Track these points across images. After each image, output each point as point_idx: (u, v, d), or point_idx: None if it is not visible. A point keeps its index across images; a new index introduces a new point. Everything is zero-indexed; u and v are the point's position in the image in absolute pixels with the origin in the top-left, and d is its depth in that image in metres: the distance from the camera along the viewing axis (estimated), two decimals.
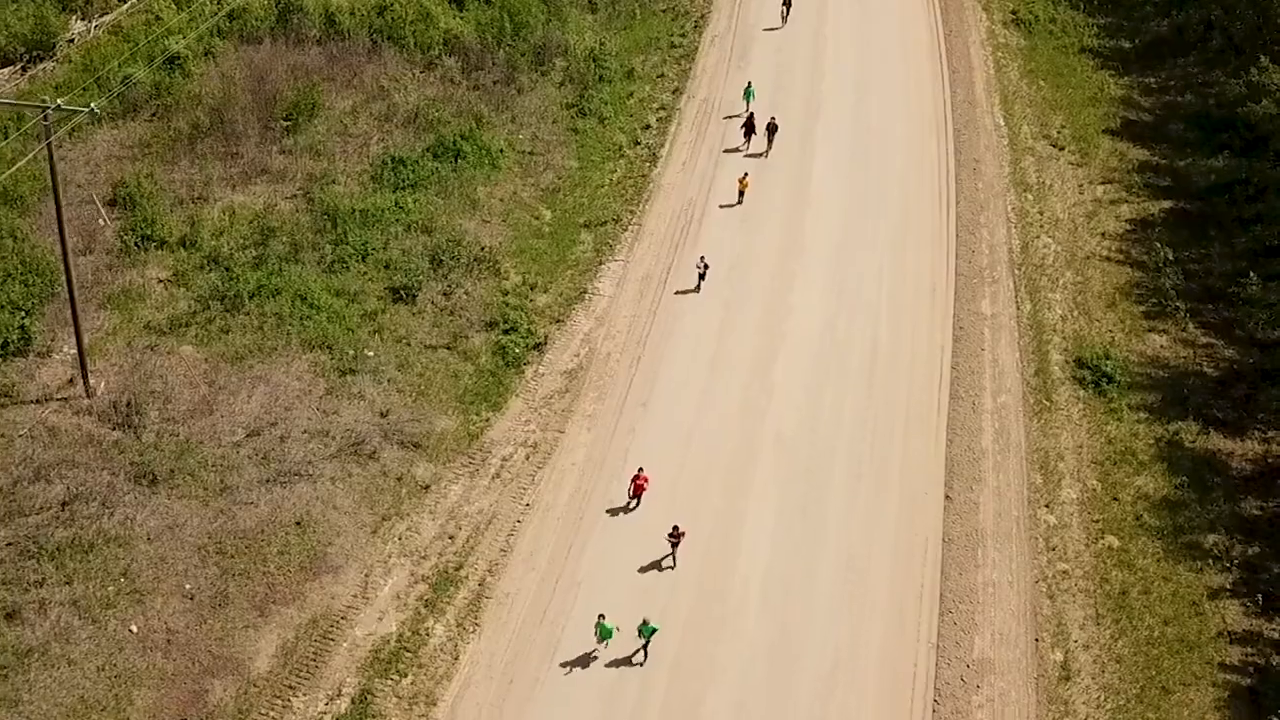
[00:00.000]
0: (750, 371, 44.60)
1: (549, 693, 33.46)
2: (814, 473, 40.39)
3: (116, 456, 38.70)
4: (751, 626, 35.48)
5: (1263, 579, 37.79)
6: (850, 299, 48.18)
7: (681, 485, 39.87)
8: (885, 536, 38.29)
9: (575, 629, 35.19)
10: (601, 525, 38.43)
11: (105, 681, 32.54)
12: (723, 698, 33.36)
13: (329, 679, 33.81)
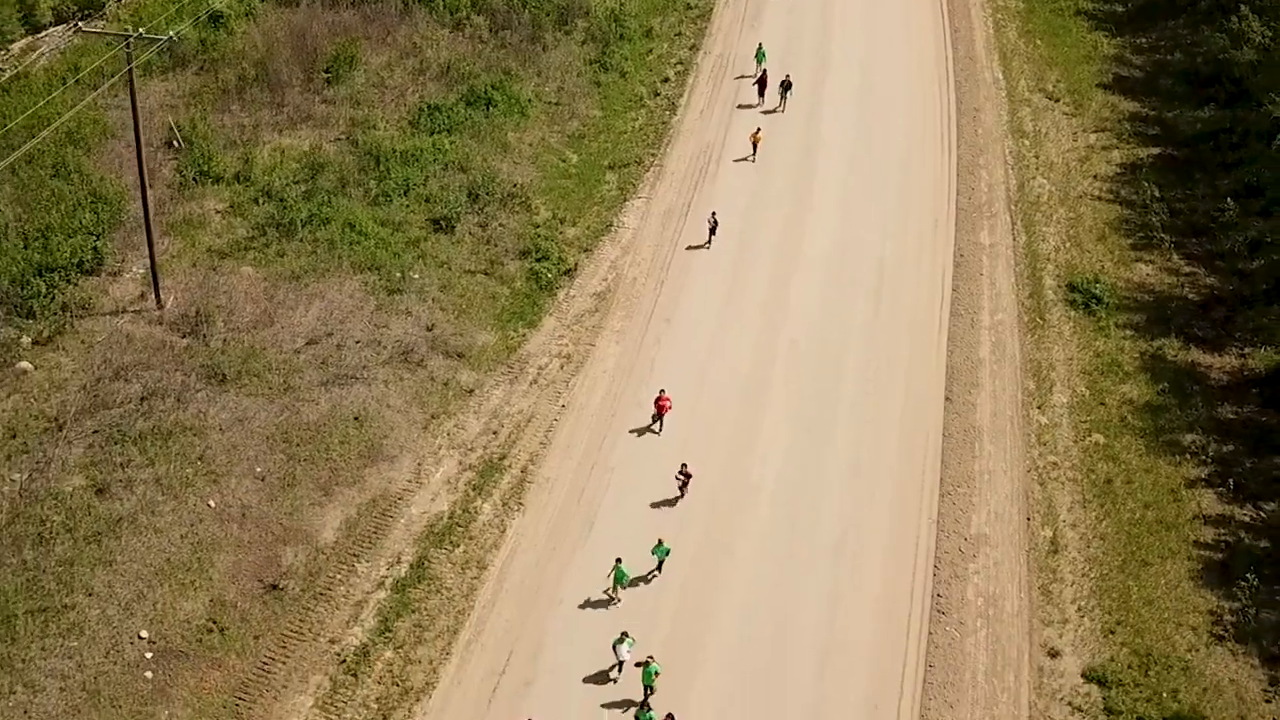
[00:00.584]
0: (767, 292, 48.23)
1: (587, 559, 37.06)
2: (825, 377, 44.03)
3: (188, 360, 42.32)
4: (767, 509, 39.06)
5: (1235, 471, 41.29)
6: (859, 231, 51.79)
7: (705, 388, 43.46)
8: (890, 431, 41.91)
9: (609, 506, 38.82)
10: (630, 423, 41.95)
11: (188, 547, 36.13)
12: (741, 571, 36.90)
13: (388, 549, 37.43)
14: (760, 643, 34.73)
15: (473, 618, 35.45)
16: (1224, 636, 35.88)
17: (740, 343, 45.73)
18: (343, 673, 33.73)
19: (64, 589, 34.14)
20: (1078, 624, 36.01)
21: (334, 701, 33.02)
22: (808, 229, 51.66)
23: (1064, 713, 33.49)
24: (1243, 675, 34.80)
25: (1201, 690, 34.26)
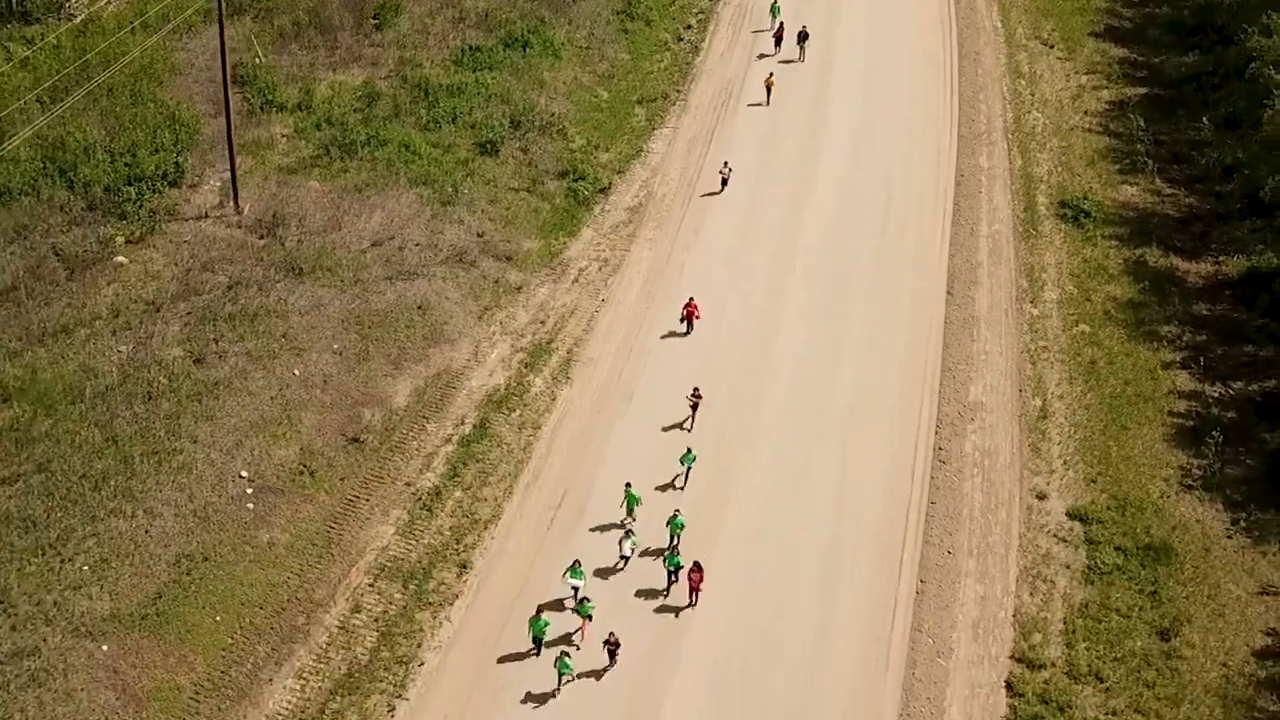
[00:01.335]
0: (785, 207, 53.03)
1: (628, 423, 41.88)
2: (839, 275, 48.85)
3: (266, 256, 47.16)
4: (788, 382, 43.89)
5: (1207, 356, 46.05)
6: (869, 156, 56.61)
7: (731, 287, 48.27)
8: (897, 320, 46.73)
9: (646, 382, 43.62)
10: (663, 321, 46.69)
11: (278, 407, 40.97)
12: (764, 432, 41.69)
13: (453, 413, 42.28)
14: (781, 489, 39.53)
15: (530, 466, 40.29)
16: (1192, 486, 40.66)
17: (762, 248, 50.52)
18: (419, 508, 38.55)
19: (172, 437, 38.95)
20: (1063, 474, 40.80)
21: (412, 530, 37.85)
22: (822, 156, 56.45)
23: (1050, 543, 38.28)
24: (1207, 517, 39.57)
25: (1171, 528, 39.00)
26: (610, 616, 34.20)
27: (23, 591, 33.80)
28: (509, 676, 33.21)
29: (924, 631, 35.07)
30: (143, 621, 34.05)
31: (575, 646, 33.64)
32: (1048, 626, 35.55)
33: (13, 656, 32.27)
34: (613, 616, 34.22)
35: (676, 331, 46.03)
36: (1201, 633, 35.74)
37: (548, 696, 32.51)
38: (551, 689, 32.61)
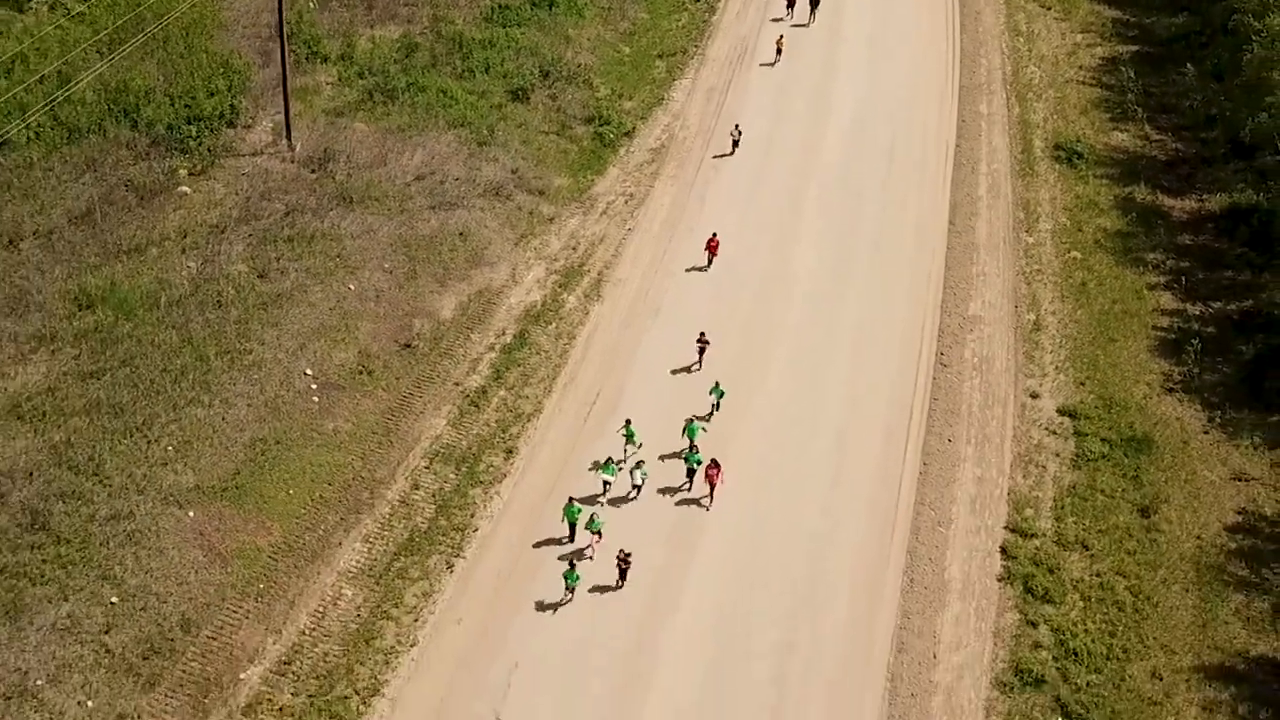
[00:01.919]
0: (799, 148, 56.82)
1: (657, 333, 45.68)
2: (849, 210, 52.62)
3: (319, 188, 50.94)
4: (802, 301, 47.67)
5: (1189, 279, 49.80)
6: (876, 103, 60.36)
7: (748, 219, 52.04)
8: (903, 246, 50.52)
9: (673, 299, 47.39)
10: (685, 248, 50.42)
11: (337, 316, 44.77)
12: (782, 341, 45.48)
13: (495, 325, 46.08)
14: (798, 388, 43.30)
15: (566, 369, 44.10)
16: (1173, 389, 44.42)
17: (777, 184, 54.29)
18: (467, 404, 42.36)
19: (242, 339, 42.76)
20: (1054, 378, 44.59)
21: (462, 422, 41.67)
22: (832, 104, 60.19)
23: (1041, 435, 42.07)
24: (1186, 415, 43.33)
25: (1153, 424, 42.76)
26: (635, 508, 37.59)
27: (116, 466, 37.59)
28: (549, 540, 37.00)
29: (926, 505, 38.87)
30: (224, 493, 37.85)
31: (589, 558, 36.04)
32: (1039, 503, 39.33)
33: (110, 519, 36.05)
34: (638, 507, 37.61)
35: (699, 266, 49.49)
36: (1178, 511, 39.47)
37: (560, 604, 35.07)
38: (563, 594, 35.31)
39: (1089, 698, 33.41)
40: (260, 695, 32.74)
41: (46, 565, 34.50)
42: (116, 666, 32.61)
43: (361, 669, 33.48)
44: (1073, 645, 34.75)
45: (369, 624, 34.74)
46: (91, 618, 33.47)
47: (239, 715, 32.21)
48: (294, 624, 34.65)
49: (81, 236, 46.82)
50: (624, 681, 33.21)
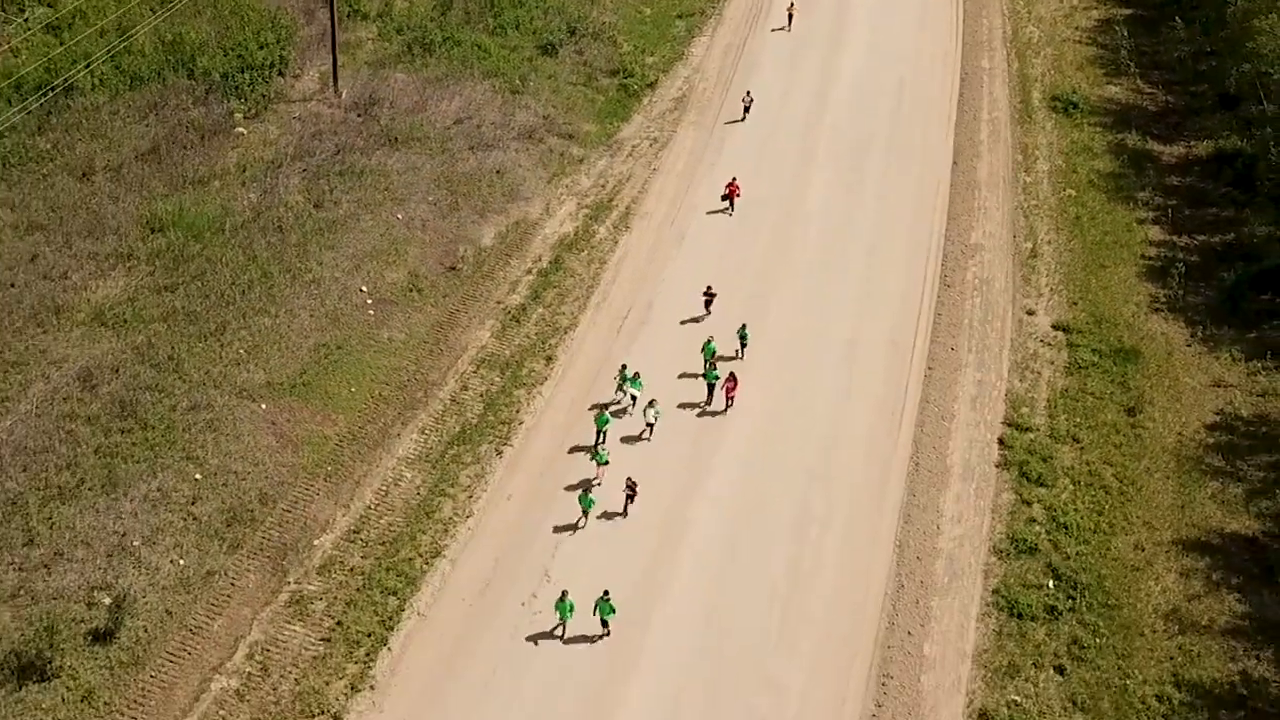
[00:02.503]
0: (812, 99, 60.53)
1: (681, 260, 49.40)
2: (858, 153, 56.35)
3: (365, 130, 54.69)
4: (817, 229, 51.40)
5: (1176, 214, 53.48)
6: (884, 58, 64.11)
7: (764, 159, 55.75)
8: (909, 185, 54.23)
9: (696, 230, 51.11)
10: (706, 187, 54.12)
11: (387, 241, 48.54)
12: (795, 263, 49.19)
13: (531, 252, 49.83)
14: (812, 306, 47.03)
15: (599, 290, 47.85)
16: (1159, 309, 48.12)
17: (791, 129, 58.02)
18: (509, 319, 46.11)
19: (302, 259, 46.53)
20: (1049, 298, 48.31)
21: (505, 334, 45.44)
22: (843, 61, 63.98)
23: (1036, 345, 45.78)
24: (1171, 331, 47.01)
25: (1140, 337, 46.46)
26: (661, 421, 41.02)
27: (193, 365, 41.40)
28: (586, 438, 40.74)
29: (931, 402, 42.62)
30: (292, 390, 41.64)
31: (597, 484, 38.54)
32: (1034, 403, 43.06)
33: (190, 409, 39.85)
34: (663, 420, 41.05)
35: (719, 209, 52.98)
36: (1162, 411, 43.17)
37: (576, 527, 37.52)
38: (579, 518, 37.79)
39: (1078, 564, 37.08)
40: (332, 558, 36.48)
41: (136, 447, 38.28)
42: (203, 532, 36.37)
43: (423, 536, 37.24)
44: (1063, 520, 38.44)
45: (428, 500, 38.50)
46: (179, 491, 37.23)
47: (314, 574, 35.96)
48: (360, 500, 38.40)
49: (148, 170, 50.57)
50: (658, 547, 36.94)
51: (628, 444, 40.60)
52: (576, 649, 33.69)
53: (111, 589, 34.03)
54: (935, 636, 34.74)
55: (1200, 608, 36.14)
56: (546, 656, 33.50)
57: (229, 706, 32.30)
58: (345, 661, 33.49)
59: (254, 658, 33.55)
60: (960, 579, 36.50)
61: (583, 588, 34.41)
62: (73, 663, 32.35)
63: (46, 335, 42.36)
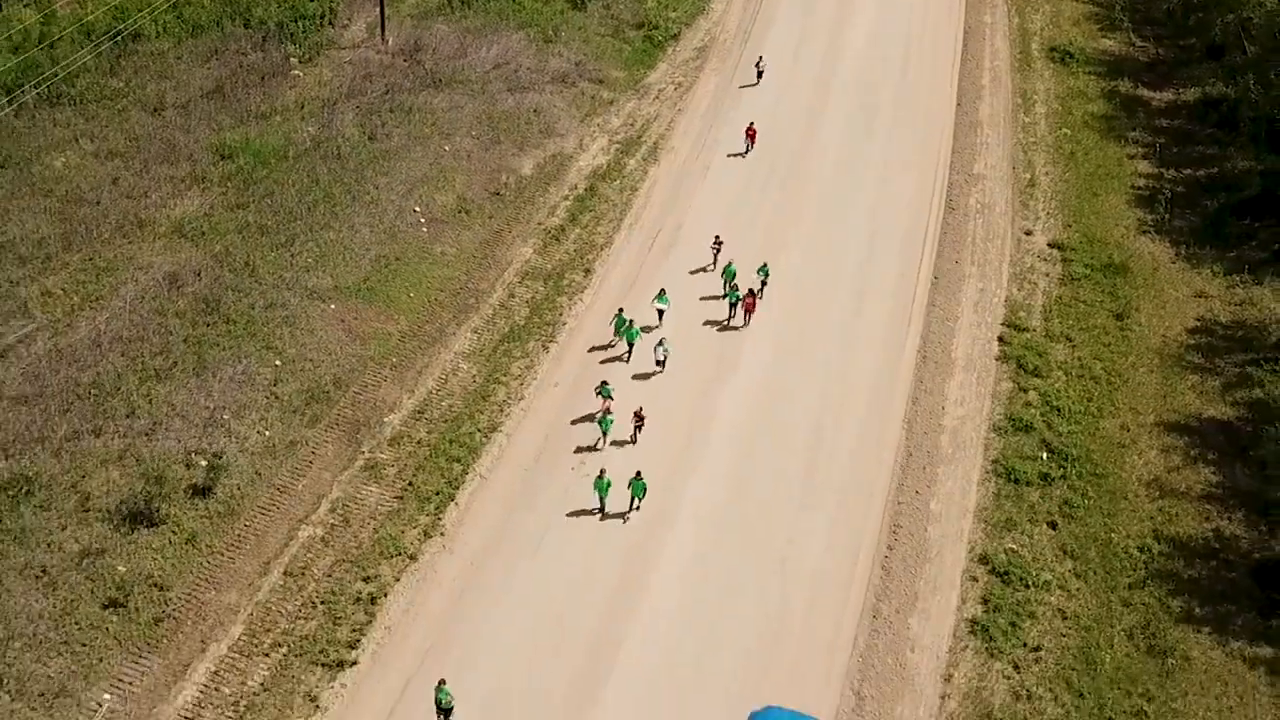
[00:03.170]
0: (824, 51, 64.72)
1: (708, 188, 53.61)
2: (868, 98, 60.52)
3: (411, 73, 58.95)
4: (832, 161, 55.59)
5: (1164, 152, 57.66)
6: (894, 11, 68.36)
7: (780, 106, 59.94)
8: (917, 124, 58.41)
9: (719, 164, 55.32)
10: (728, 126, 58.32)
11: (436, 169, 52.78)
12: (811, 191, 53.40)
13: (568, 181, 54.05)
14: (827, 229, 51.21)
15: (631, 213, 52.06)
16: (1147, 232, 52.30)
17: (805, 79, 62.19)
18: (549, 238, 50.33)
19: (359, 183, 50.78)
20: (1045, 220, 52.52)
21: (546, 251, 49.65)
22: (854, 16, 68.17)
23: (1033, 260, 49.98)
24: (1157, 250, 51.19)
25: (1128, 255, 50.64)
26: (688, 335, 45.27)
27: (267, 270, 45.65)
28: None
29: (937, 306, 46.84)
30: (357, 293, 45.90)
31: (608, 414, 40.63)
32: (1031, 308, 47.27)
33: (267, 307, 44.09)
34: (691, 334, 45.32)
35: (738, 152, 56.94)
36: (1147, 316, 47.36)
37: (594, 448, 40.04)
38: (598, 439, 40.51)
39: (1069, 440, 41.28)
40: (401, 433, 40.73)
41: (221, 338, 42.56)
42: (285, 408, 40.64)
43: (480, 415, 41.49)
44: (1056, 404, 42.65)
45: (484, 387, 42.74)
46: (261, 374, 41.50)
47: (385, 446, 40.20)
48: (423, 386, 42.65)
49: (214, 107, 54.86)
50: (689, 430, 41.11)
51: (639, 379, 42.81)
52: (613, 521, 37.61)
53: (206, 453, 38.26)
54: (940, 496, 38.97)
55: (1178, 478, 40.30)
56: (589, 522, 37.55)
57: (315, 550, 36.51)
58: (417, 514, 37.70)
59: (335, 511, 37.76)
60: (963, 450, 40.73)
61: (617, 466, 38.21)
62: (176, 512, 36.57)
63: (132, 245, 46.63)
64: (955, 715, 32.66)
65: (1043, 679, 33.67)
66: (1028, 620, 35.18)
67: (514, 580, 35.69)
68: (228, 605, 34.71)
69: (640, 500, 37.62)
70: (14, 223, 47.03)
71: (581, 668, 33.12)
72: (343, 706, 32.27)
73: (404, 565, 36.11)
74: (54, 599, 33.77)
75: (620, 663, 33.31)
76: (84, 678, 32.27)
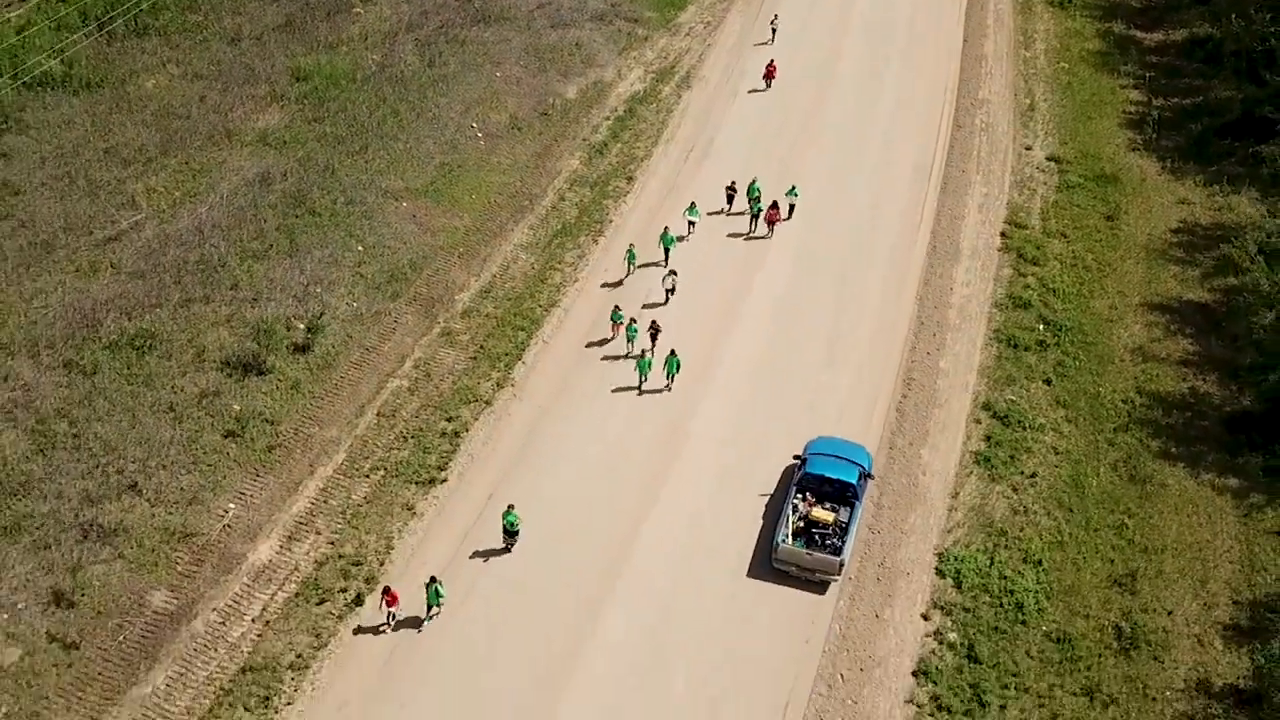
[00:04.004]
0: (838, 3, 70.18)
1: (735, 111, 58.91)
2: (881, 38, 65.79)
3: (463, 10, 64.24)
4: (846, 93, 60.87)
5: (1153, 83, 62.88)
6: None
7: (802, 41, 65.19)
8: (926, 59, 63.66)
9: (744, 90, 60.59)
10: (755, 58, 63.60)
11: (489, 92, 58.10)
12: (830, 118, 58.69)
13: (608, 105, 59.35)
14: (846, 142, 56.52)
15: (667, 131, 57.38)
16: (1136, 149, 57.52)
17: (822, 25, 67.44)
18: (594, 151, 55.64)
19: (422, 101, 56.10)
20: (1043, 138, 57.78)
21: (591, 161, 54.97)
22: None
23: (1033, 170, 55.24)
24: (1145, 165, 56.42)
25: (1119, 168, 55.88)
26: (712, 248, 50.51)
27: (345, 173, 50.97)
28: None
29: (945, 208, 52.13)
30: (425, 193, 51.24)
31: (634, 323, 44.71)
32: (1030, 209, 52.53)
33: (347, 203, 49.41)
34: (718, 243, 50.58)
35: (759, 89, 62.07)
36: (1134, 218, 52.61)
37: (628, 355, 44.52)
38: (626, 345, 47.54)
39: (1063, 316, 46.55)
40: (470, 307, 46.06)
41: (309, 227, 47.90)
42: (369, 284, 45.99)
43: (540, 294, 46.81)
44: (1052, 286, 47.92)
45: (541, 272, 48.07)
46: (347, 257, 46.86)
47: (458, 318, 45.53)
48: (487, 271, 47.97)
49: (286, 38, 60.22)
50: (722, 315, 46.41)
51: (650, 309, 45.93)
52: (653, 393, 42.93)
53: (303, 318, 43.61)
54: (948, 356, 44.30)
55: (1160, 347, 45.58)
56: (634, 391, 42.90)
57: (402, 397, 41.87)
58: (490, 370, 43.06)
59: (418, 368, 43.12)
60: (968, 322, 46.04)
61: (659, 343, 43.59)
62: (281, 364, 41.91)
63: (222, 151, 52.00)
64: (960, 523, 37.96)
65: (1037, 498, 38.95)
66: (1025, 454, 40.45)
67: (575, 424, 40.98)
68: (330, 439, 40.06)
69: (675, 375, 42.38)
70: (116, 132, 52.41)
71: (636, 494, 38.40)
72: (435, 514, 37.62)
73: (480, 409, 41.45)
74: (181, 429, 39.09)
75: (668, 487, 38.56)
76: (211, 490, 37.60)
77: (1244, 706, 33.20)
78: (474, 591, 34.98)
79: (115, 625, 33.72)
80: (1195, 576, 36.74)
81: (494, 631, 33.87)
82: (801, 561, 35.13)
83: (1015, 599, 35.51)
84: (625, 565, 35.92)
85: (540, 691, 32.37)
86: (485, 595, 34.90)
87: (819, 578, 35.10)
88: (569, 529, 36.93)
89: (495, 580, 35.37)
